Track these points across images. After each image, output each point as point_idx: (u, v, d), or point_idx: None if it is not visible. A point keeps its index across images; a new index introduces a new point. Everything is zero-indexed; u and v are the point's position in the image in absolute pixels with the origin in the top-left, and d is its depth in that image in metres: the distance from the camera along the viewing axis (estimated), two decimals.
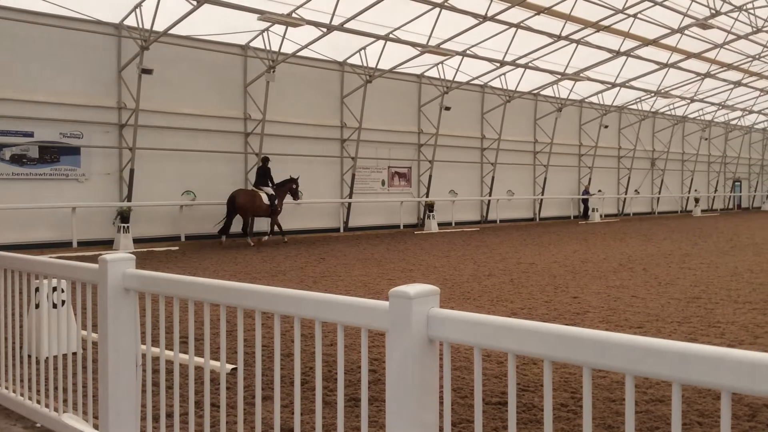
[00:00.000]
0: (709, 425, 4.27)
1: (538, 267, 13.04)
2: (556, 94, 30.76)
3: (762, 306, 8.49)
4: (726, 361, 1.57)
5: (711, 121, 42.25)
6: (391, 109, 25.27)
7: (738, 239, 19.94)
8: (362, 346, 2.46)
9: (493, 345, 2.11)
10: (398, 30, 20.91)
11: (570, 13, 22.01)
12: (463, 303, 8.91)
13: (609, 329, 7.16)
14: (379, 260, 14.41)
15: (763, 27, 26.12)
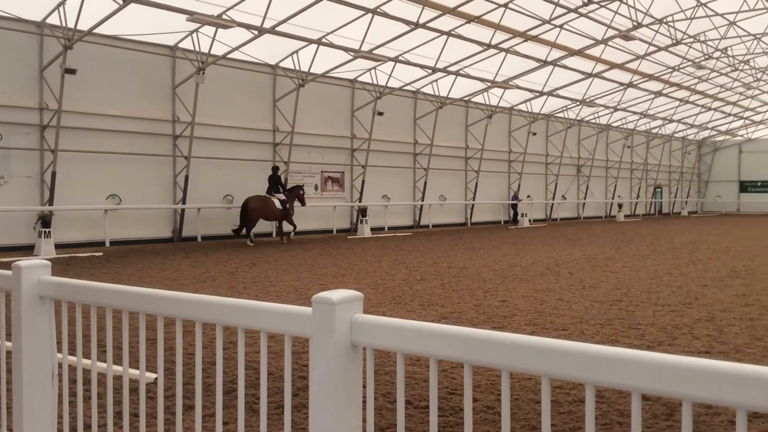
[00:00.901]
0: (628, 425, 4.41)
1: (468, 271, 13.22)
2: (487, 101, 31.35)
3: (680, 308, 8.84)
4: (635, 363, 1.62)
5: (633, 129, 43.88)
6: (324, 114, 25.21)
7: (658, 244, 20.74)
8: (286, 353, 2.43)
9: (415, 350, 2.12)
10: (331, 34, 20.91)
11: (499, 23, 22.49)
12: (395, 307, 8.94)
13: (535, 332, 7.33)
14: (311, 265, 14.32)
15: (682, 39, 27.33)
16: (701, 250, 17.99)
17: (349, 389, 2.25)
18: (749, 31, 27.21)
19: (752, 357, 6.14)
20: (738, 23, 26.10)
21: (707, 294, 10.05)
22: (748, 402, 1.50)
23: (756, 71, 34.66)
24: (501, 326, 7.69)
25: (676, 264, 14.49)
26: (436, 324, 2.06)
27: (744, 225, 33.23)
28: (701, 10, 24.18)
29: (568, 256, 16.58)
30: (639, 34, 25.52)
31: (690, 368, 1.57)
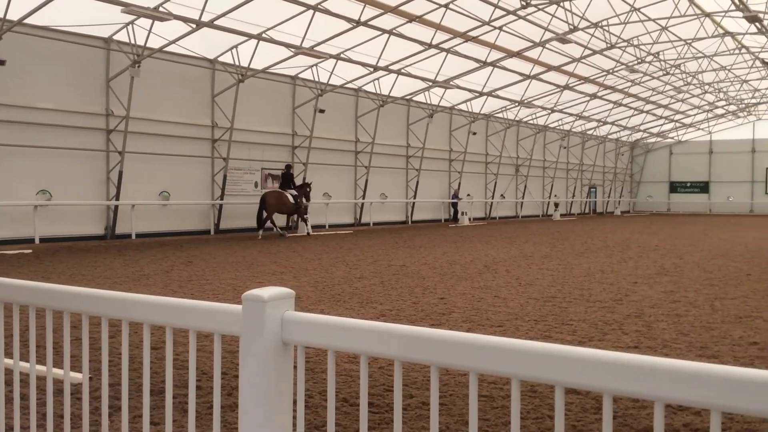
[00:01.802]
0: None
1: (408, 269, 13.30)
2: (428, 101, 31.60)
3: (611, 304, 9.10)
4: (558, 357, 1.65)
5: (569, 130, 44.95)
6: (264, 110, 24.95)
7: (592, 242, 21.31)
8: (215, 352, 2.39)
9: (346, 347, 2.11)
10: (271, 30, 20.70)
11: (440, 23, 22.69)
12: (334, 305, 8.92)
13: (471, 328, 7.43)
14: (250, 263, 14.15)
15: (616, 43, 28.12)
16: (632, 249, 18.56)
17: (280, 387, 2.23)
18: (680, 37, 28.19)
19: (678, 352, 6.37)
20: (669, 28, 27.02)
21: (637, 291, 10.38)
22: (666, 395, 1.55)
23: (686, 76, 35.96)
24: (438, 323, 7.76)
25: (608, 262, 14.91)
26: (367, 321, 2.06)
27: (673, 224, 34.46)
28: (635, 15, 24.93)
29: (506, 254, 16.86)
30: (575, 37, 26.17)
31: (611, 363, 1.61)
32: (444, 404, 4.80)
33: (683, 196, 56.30)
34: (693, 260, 15.26)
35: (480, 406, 4.73)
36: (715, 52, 30.83)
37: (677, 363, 1.53)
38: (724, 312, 8.52)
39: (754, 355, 6.24)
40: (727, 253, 17.28)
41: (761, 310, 8.70)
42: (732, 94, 43.46)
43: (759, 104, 47.69)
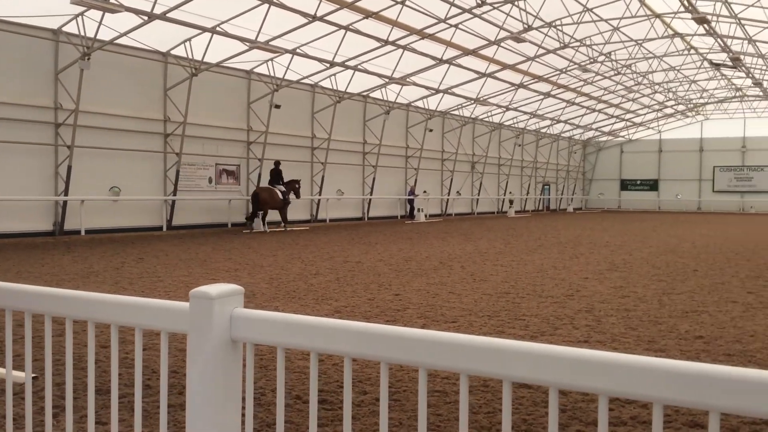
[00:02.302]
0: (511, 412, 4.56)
1: (364, 265, 13.29)
2: (385, 97, 31.61)
3: (562, 300, 9.25)
4: (505, 352, 1.67)
5: (524, 128, 45.53)
6: (218, 105, 24.62)
7: (545, 238, 21.63)
8: (162, 350, 2.34)
9: (295, 344, 2.09)
10: (226, 23, 20.43)
11: (397, 20, 22.71)
12: (289, 302, 8.86)
13: (426, 324, 7.46)
14: (203, 260, 13.96)
15: (569, 43, 28.57)
16: (584, 245, 18.90)
17: (229, 385, 2.20)
18: (631, 37, 28.79)
19: (627, 346, 6.51)
20: (621, 29, 27.56)
21: (588, 286, 10.57)
22: (610, 389, 1.57)
23: (637, 75, 36.76)
24: (393, 319, 7.78)
25: (561, 258, 15.15)
26: (317, 318, 2.04)
27: (624, 221, 35.22)
28: (587, 16, 25.36)
29: (461, 250, 16.99)
30: (529, 36, 26.50)
31: (556, 357, 1.63)
32: (398, 400, 4.81)
33: (633, 194, 57.59)
34: (642, 256, 15.62)
35: (433, 401, 4.75)
36: (665, 53, 31.59)
37: (620, 357, 1.56)
38: (672, 307, 8.74)
39: (700, 349, 6.41)
40: (675, 249, 17.73)
41: (707, 305, 8.95)
42: (681, 94, 44.60)
43: (707, 104, 49.07)
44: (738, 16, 24.23)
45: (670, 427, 4.31)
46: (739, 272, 12.62)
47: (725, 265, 13.77)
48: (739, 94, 45.34)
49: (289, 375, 5.34)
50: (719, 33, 26.95)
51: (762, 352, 6.28)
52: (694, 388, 1.46)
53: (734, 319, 7.94)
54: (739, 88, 42.77)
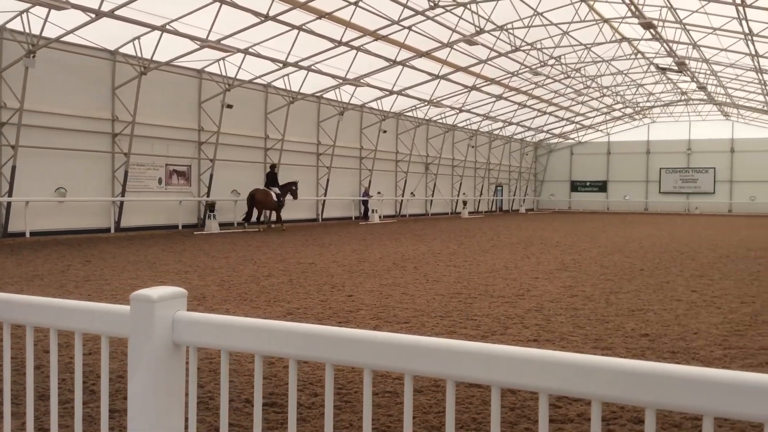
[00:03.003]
0: (460, 411, 4.60)
1: (317, 267, 13.23)
2: (339, 98, 31.56)
3: (513, 300, 9.37)
4: (448, 352, 1.67)
5: (477, 130, 46.00)
6: (168, 104, 24.23)
7: (498, 239, 21.88)
8: (102, 354, 2.29)
9: (239, 347, 2.06)
10: (176, 21, 20.11)
11: (350, 21, 22.70)
12: (240, 304, 8.76)
13: (378, 325, 7.47)
14: (152, 262, 13.71)
15: (520, 46, 28.97)
16: (535, 245, 19.19)
17: (172, 390, 2.16)
18: (580, 41, 29.37)
19: (574, 344, 6.63)
20: (570, 33, 28.09)
21: (538, 286, 10.73)
22: (549, 386, 1.59)
23: (586, 79, 37.50)
24: (346, 321, 7.76)
25: (513, 258, 15.35)
26: (261, 320, 2.02)
27: (574, 222, 35.88)
28: (538, 20, 25.77)
29: (415, 251, 17.06)
30: (481, 39, 26.79)
31: (499, 356, 1.64)
32: (349, 402, 4.80)
33: (583, 195, 58.75)
34: (591, 256, 15.93)
35: (384, 402, 4.76)
36: (613, 57, 32.31)
37: (560, 355, 1.58)
38: (618, 305, 8.93)
39: (645, 347, 6.56)
40: (623, 249, 18.14)
41: (652, 303, 9.17)
42: (628, 98, 45.68)
43: (653, 107, 50.38)
44: (683, 21, 24.95)
45: (615, 423, 4.40)
46: (684, 271, 12.98)
47: (670, 265, 14.15)
48: (685, 98, 46.69)
49: (239, 378, 5.28)
50: (665, 38, 27.69)
51: (705, 349, 6.47)
52: (632, 386, 1.49)
53: (678, 317, 8.16)
54: (684, 91, 44.05)
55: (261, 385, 2.05)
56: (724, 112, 50.67)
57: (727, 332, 7.24)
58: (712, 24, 24.71)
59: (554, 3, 24.28)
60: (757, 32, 23.95)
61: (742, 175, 52.51)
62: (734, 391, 1.41)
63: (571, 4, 24.49)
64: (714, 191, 53.66)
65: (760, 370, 5.69)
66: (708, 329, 7.40)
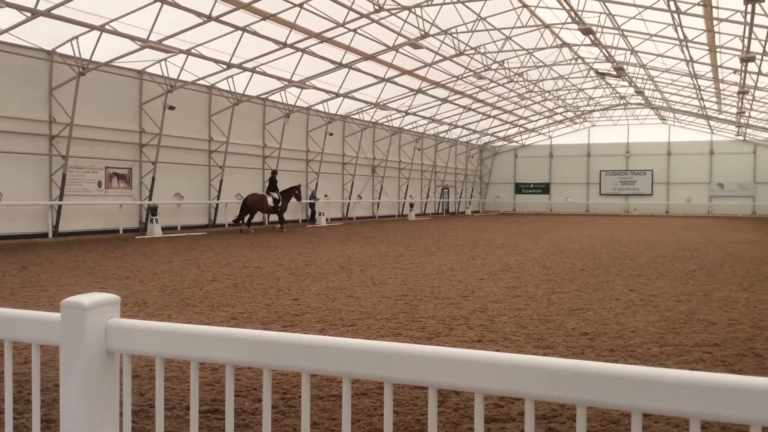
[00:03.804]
0: (404, 413, 4.61)
1: (263, 270, 13.11)
2: (284, 100, 31.35)
3: (458, 301, 9.46)
4: (385, 354, 1.68)
5: (423, 133, 46.33)
6: (108, 106, 23.65)
7: (444, 241, 22.07)
8: (33, 363, 2.21)
9: (175, 354, 2.02)
10: (116, 21, 19.65)
11: (295, 22, 22.58)
12: (182, 310, 8.60)
13: (324, 329, 7.44)
14: (92, 268, 13.35)
15: (465, 50, 29.31)
16: (480, 247, 19.43)
17: (105, 398, 2.10)
18: (523, 46, 29.89)
19: (517, 344, 6.73)
20: (513, 38, 28.56)
21: (483, 287, 10.87)
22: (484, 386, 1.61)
23: (528, 83, 38.19)
24: (291, 325, 7.71)
25: (458, 260, 15.51)
26: (196, 325, 1.99)
27: (518, 223, 36.48)
28: (481, 24, 26.12)
29: (362, 253, 17.07)
30: (426, 43, 27.00)
31: (434, 357, 1.65)
32: (293, 406, 4.76)
33: (527, 197, 59.81)
34: (534, 257, 16.22)
35: (329, 406, 4.74)
36: (554, 62, 32.99)
37: (493, 355, 1.60)
38: (560, 305, 9.12)
39: (585, 345, 6.72)
40: (564, 249, 18.53)
41: (592, 302, 9.39)
42: (569, 102, 46.71)
43: (593, 111, 51.64)
44: (621, 27, 25.65)
45: (556, 421, 4.48)
46: (623, 271, 13.34)
47: (610, 265, 14.52)
48: (623, 102, 48.02)
49: (182, 385, 5.18)
50: (604, 43, 28.42)
51: (642, 347, 6.65)
52: (563, 384, 1.52)
53: (617, 315, 8.37)
54: (622, 96, 45.31)
55: (197, 392, 2.02)
56: (660, 116, 52.33)
57: (664, 330, 7.46)
58: (648, 30, 25.49)
59: (497, 8, 24.65)
60: (691, 38, 24.80)
61: (678, 177, 54.31)
62: (661, 388, 1.45)
63: (514, 9, 24.91)
64: (652, 193, 55.35)
65: (695, 366, 5.89)
66: (645, 327, 7.61)
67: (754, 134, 50.24)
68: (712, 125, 50.96)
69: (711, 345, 6.72)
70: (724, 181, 52.75)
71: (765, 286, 11.15)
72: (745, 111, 39.70)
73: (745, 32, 21.26)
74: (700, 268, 13.92)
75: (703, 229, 30.91)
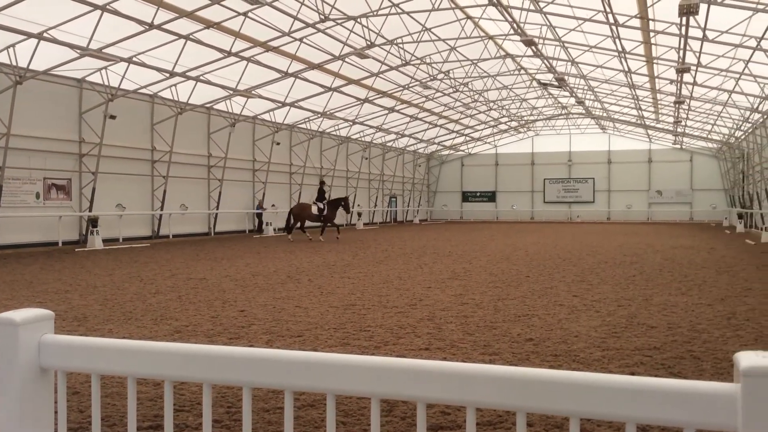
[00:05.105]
0: (352, 424, 4.59)
1: (208, 282, 12.90)
2: (230, 109, 31.01)
3: (406, 309, 9.49)
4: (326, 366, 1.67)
5: (371, 142, 46.46)
6: (47, 115, 22.98)
7: (392, 249, 22.13)
8: None
9: (112, 370, 1.97)
10: (54, 29, 19.13)
11: (239, 31, 22.39)
12: (124, 324, 8.39)
13: (271, 340, 7.36)
14: (30, 282, 12.91)
15: (410, 60, 29.55)
16: (428, 255, 19.55)
17: (39, 417, 2.03)
18: (467, 57, 30.30)
19: (464, 351, 6.79)
20: (458, 49, 28.93)
21: (430, 295, 10.93)
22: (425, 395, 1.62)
23: (473, 93, 38.72)
24: (237, 337, 7.60)
25: (406, 268, 15.57)
26: (133, 341, 1.95)
27: (465, 231, 36.86)
28: (426, 35, 26.38)
29: (310, 263, 16.97)
30: (372, 53, 27.12)
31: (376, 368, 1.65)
32: (238, 420, 4.69)
33: (474, 205, 60.52)
34: (480, 264, 16.40)
35: (275, 419, 4.68)
36: (498, 73, 33.55)
37: (433, 364, 1.61)
38: (506, 312, 9.24)
39: (530, 351, 6.82)
40: (510, 257, 18.80)
41: (537, 308, 9.55)
42: (513, 111, 47.54)
43: (536, 121, 52.67)
44: (562, 39, 26.27)
45: (501, 427, 4.53)
46: (566, 277, 13.61)
47: (554, 271, 14.80)
48: (565, 112, 49.15)
49: (122, 401, 5.04)
50: (545, 55, 29.05)
51: (585, 351, 6.79)
52: (501, 391, 1.54)
53: (561, 321, 8.53)
54: (564, 106, 46.37)
55: (135, 409, 1.97)
56: (601, 125, 53.72)
57: (606, 334, 7.64)
58: (588, 42, 26.17)
59: (442, 19, 24.95)
60: (629, 50, 25.57)
61: (618, 184, 55.79)
62: (596, 393, 1.48)
63: (458, 21, 25.24)
64: (593, 200, 56.70)
65: (635, 369, 6.04)
66: (588, 332, 7.78)
67: (690, 143, 52.04)
68: (651, 134, 52.58)
69: (651, 348, 6.90)
70: (662, 188, 54.45)
71: (702, 290, 11.54)
72: (682, 120, 41.08)
73: (680, 44, 22.03)
74: (640, 273, 14.31)
75: (643, 235, 31.81)
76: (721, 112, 35.20)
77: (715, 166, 52.74)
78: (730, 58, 23.22)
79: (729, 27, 19.79)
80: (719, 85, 28.25)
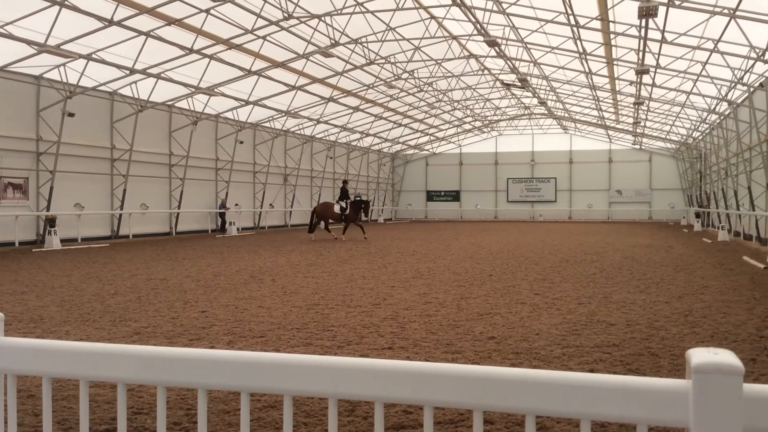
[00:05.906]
0: (314, 424, 4.57)
1: (169, 283, 12.72)
2: (192, 107, 30.64)
3: (370, 309, 9.49)
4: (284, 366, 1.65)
5: (335, 141, 46.34)
6: (2, 113, 22.44)
7: (356, 249, 22.11)
8: None
9: (63, 373, 1.93)
10: (10, 25, 18.68)
11: (201, 28, 22.12)
12: (81, 325, 8.23)
13: (233, 341, 7.29)
14: None
15: (375, 60, 29.55)
16: (392, 254, 19.58)
17: None
18: (431, 57, 30.42)
19: (426, 349, 6.81)
20: (422, 48, 29.03)
21: (394, 294, 10.94)
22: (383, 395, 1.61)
23: (438, 93, 38.89)
24: (198, 338, 7.51)
25: (370, 267, 15.56)
26: (85, 343, 1.90)
27: (429, 230, 37.01)
28: (391, 34, 26.41)
29: (273, 263, 16.86)
30: (337, 52, 27.05)
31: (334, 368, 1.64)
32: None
33: (438, 204, 60.82)
34: (444, 263, 16.48)
35: (235, 421, 4.63)
36: (462, 73, 33.75)
37: (391, 364, 1.60)
38: (468, 310, 9.29)
39: (492, 349, 6.87)
40: (474, 255, 18.93)
41: (499, 307, 9.63)
42: (477, 111, 47.88)
43: (500, 121, 53.14)
44: (524, 40, 26.53)
45: (463, 425, 4.56)
46: (528, 275, 13.76)
47: (516, 270, 14.94)
48: (528, 112, 49.68)
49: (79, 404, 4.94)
50: (508, 55, 29.32)
51: (545, 349, 6.86)
52: (457, 390, 1.54)
53: (522, 319, 8.62)
54: (527, 106, 46.86)
55: (87, 413, 1.93)
56: (562, 125, 54.44)
57: (566, 332, 7.73)
58: (550, 43, 26.48)
59: (406, 19, 25.00)
60: (590, 52, 25.94)
61: (580, 184, 56.62)
62: (552, 390, 1.49)
63: (422, 20, 25.31)
64: (555, 200, 57.43)
65: (595, 367, 6.12)
66: (549, 330, 7.87)
67: (649, 143, 53.05)
68: (611, 134, 53.46)
69: (610, 345, 7.01)
70: (622, 188, 55.40)
71: (660, 288, 11.77)
72: (641, 121, 41.85)
73: (639, 46, 22.43)
74: (600, 271, 14.54)
75: (603, 234, 32.33)
76: (679, 113, 35.93)
77: (673, 166, 53.86)
78: (689, 60, 23.71)
79: (687, 29, 20.20)
80: (677, 87, 28.84)
